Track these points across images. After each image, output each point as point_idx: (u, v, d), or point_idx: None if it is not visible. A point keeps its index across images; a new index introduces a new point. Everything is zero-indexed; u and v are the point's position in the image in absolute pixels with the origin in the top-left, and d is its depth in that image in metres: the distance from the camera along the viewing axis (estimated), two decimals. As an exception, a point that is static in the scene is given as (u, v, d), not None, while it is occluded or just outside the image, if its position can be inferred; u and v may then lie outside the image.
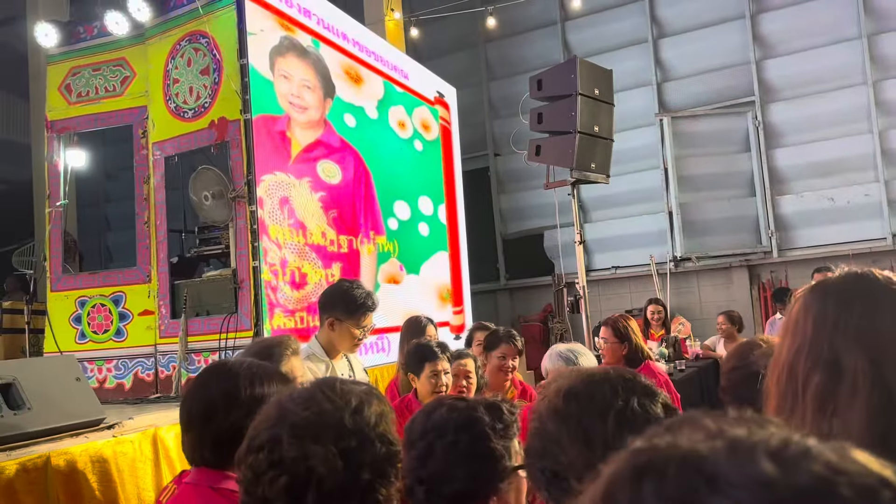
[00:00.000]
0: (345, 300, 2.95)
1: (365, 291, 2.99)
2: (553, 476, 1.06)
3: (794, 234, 8.69)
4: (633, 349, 3.67)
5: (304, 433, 1.05)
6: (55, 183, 5.20)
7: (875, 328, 0.99)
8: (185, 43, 4.79)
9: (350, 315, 2.91)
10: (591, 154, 5.69)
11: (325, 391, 1.12)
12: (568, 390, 1.10)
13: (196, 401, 1.57)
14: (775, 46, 8.88)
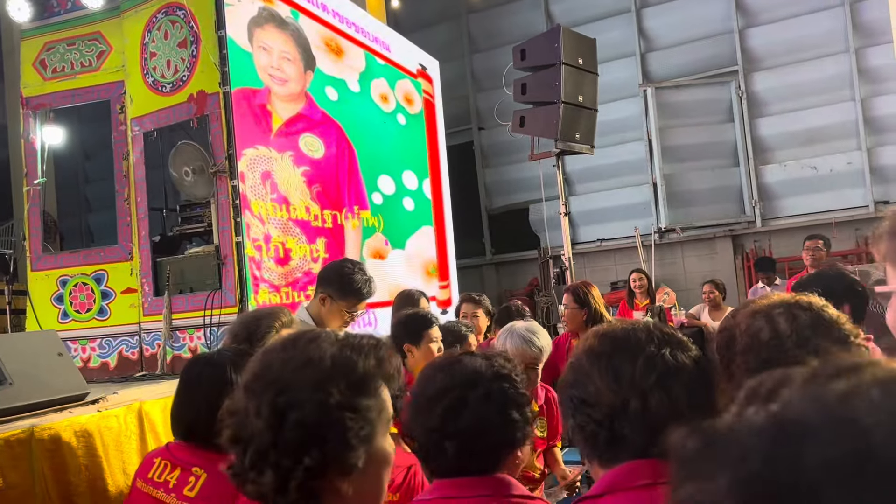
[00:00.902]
0: (343, 281, 2.92)
1: (365, 278, 2.94)
2: (581, 402, 1.10)
3: (777, 204, 8.74)
4: (591, 315, 3.72)
5: (247, 388, 1.04)
6: (32, 161, 5.11)
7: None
8: (162, 15, 4.69)
9: (343, 297, 2.89)
10: (576, 124, 5.66)
11: (287, 345, 1.08)
12: (605, 332, 1.16)
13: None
14: (758, 15, 8.86)
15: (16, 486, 2.17)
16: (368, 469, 1.00)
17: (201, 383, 1.81)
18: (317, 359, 1.01)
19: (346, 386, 1.00)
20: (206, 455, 1.71)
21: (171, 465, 1.75)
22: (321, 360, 1.01)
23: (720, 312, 6.14)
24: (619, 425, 1.06)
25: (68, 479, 2.34)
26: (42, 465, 2.26)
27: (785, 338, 1.23)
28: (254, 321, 2.28)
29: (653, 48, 9.41)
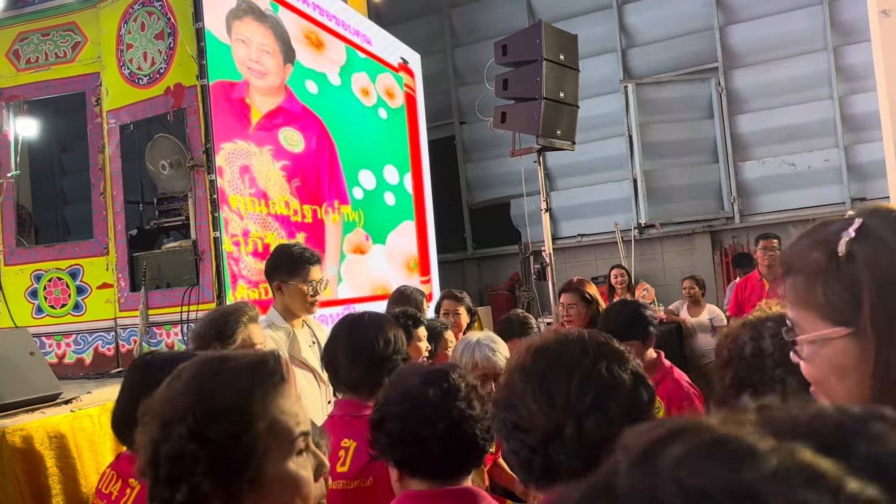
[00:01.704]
0: (282, 260, 2.95)
1: (301, 247, 2.96)
2: (514, 427, 1.05)
3: (755, 200, 8.82)
4: (595, 312, 3.68)
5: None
6: (5, 153, 5.02)
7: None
8: (138, 6, 4.62)
9: (292, 273, 2.89)
10: (557, 121, 5.66)
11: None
12: (539, 347, 1.10)
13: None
14: (738, 12, 8.90)
15: (-14, 488, 2.14)
16: (265, 498, 0.96)
17: (132, 384, 1.80)
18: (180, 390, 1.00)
19: (202, 416, 0.96)
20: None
21: (115, 477, 1.74)
22: (183, 391, 1.00)
23: (699, 308, 6.19)
24: (553, 451, 1.00)
25: (40, 480, 2.30)
26: (14, 468, 2.22)
27: (766, 356, 1.20)
28: (221, 319, 2.26)
29: (634, 44, 9.43)
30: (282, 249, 3.04)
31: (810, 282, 0.90)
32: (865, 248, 0.86)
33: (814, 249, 0.91)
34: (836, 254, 0.87)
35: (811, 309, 0.91)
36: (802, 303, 0.92)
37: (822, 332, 0.89)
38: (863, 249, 0.86)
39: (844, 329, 0.88)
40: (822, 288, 0.89)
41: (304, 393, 2.83)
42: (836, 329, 0.88)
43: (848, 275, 0.86)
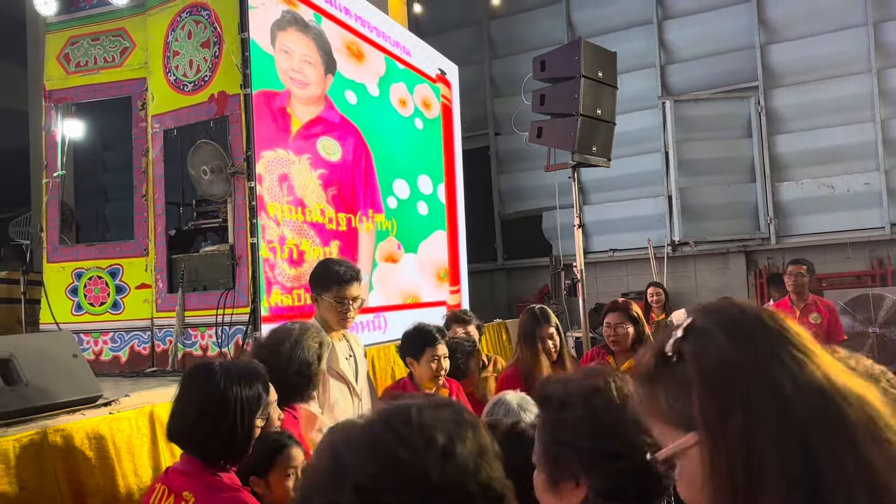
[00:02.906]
0: (321, 275, 3.01)
1: (341, 265, 2.98)
2: (612, 457, 1.17)
3: (792, 221, 8.70)
4: (641, 333, 3.63)
5: (375, 498, 0.77)
6: (52, 153, 5.16)
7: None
8: (186, 15, 4.73)
9: (326, 289, 2.93)
10: (593, 137, 5.65)
11: (397, 428, 0.81)
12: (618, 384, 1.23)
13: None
14: (780, 31, 8.81)
15: (29, 486, 2.20)
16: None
17: (193, 387, 1.85)
18: (451, 443, 0.83)
19: (490, 466, 0.85)
20: (198, 478, 1.74)
21: (168, 491, 1.77)
22: (455, 444, 0.83)
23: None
24: (654, 469, 1.01)
25: (80, 479, 2.37)
26: (54, 467, 2.28)
27: None
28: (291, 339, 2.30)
29: (673, 60, 9.38)
30: (322, 263, 3.09)
31: (651, 390, 0.85)
32: (692, 344, 0.82)
33: (649, 355, 0.86)
34: (666, 355, 0.83)
35: (661, 419, 0.84)
36: (652, 415, 0.85)
37: (676, 443, 0.81)
38: (689, 346, 0.82)
39: (694, 435, 0.80)
40: (663, 394, 0.83)
41: (339, 405, 2.87)
42: (686, 437, 0.80)
43: (680, 375, 0.81)
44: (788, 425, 0.74)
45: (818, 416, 0.75)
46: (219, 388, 1.80)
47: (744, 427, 0.75)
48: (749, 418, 0.75)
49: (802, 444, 0.73)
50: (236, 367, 1.92)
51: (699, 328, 0.83)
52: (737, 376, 0.78)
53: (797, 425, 0.74)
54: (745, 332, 0.82)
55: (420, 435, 0.81)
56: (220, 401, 1.79)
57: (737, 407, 0.76)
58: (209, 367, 1.88)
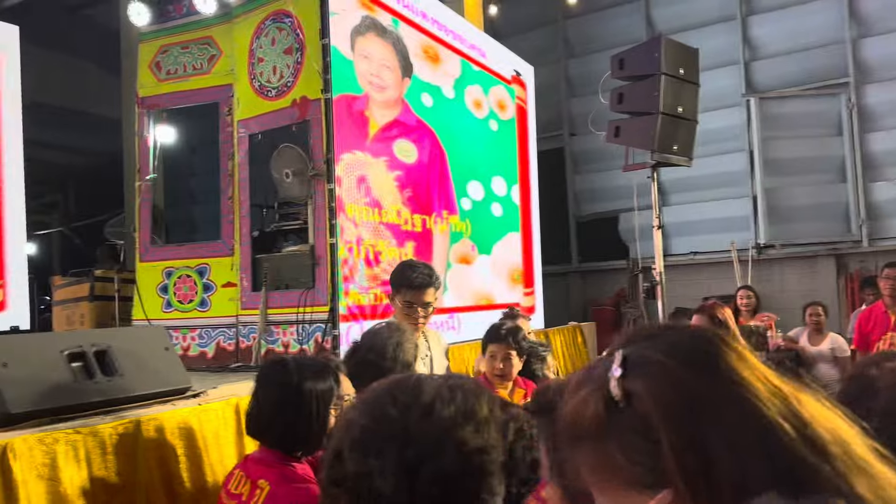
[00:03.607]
0: (395, 278, 3.03)
1: (416, 270, 2.99)
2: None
3: (886, 224, 8.26)
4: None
5: (364, 445, 0.89)
6: (145, 157, 5.43)
7: None
8: (270, 22, 4.88)
9: (397, 291, 2.97)
10: (674, 136, 5.52)
11: (393, 391, 0.94)
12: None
13: None
14: (873, 25, 8.38)
15: (123, 472, 2.32)
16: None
17: (268, 383, 1.91)
18: (437, 404, 0.91)
19: (475, 428, 0.90)
20: (273, 467, 1.80)
21: (245, 478, 1.84)
22: (442, 404, 0.91)
23: (821, 337, 5.84)
24: None
25: (170, 468, 2.48)
26: (147, 455, 2.39)
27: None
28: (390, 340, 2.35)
29: (758, 57, 9.06)
30: (400, 265, 3.11)
31: (600, 448, 0.69)
32: (642, 380, 0.68)
33: (587, 405, 0.71)
34: (614, 400, 0.68)
35: (619, 482, 0.68)
36: (606, 480, 0.69)
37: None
38: (640, 383, 0.68)
39: (666, 492, 0.65)
40: (618, 450, 0.68)
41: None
42: (660, 496, 0.65)
43: (638, 418, 0.67)
44: (776, 462, 0.64)
45: (803, 446, 0.65)
46: (293, 383, 1.86)
47: (732, 468, 0.64)
48: (735, 456, 0.64)
49: (795, 483, 0.63)
50: (309, 361, 1.98)
51: (642, 360, 0.70)
52: (708, 409, 0.66)
53: (784, 460, 0.64)
54: (695, 356, 0.70)
55: (409, 396, 0.91)
56: (294, 395, 1.85)
57: (718, 446, 0.64)
58: (283, 362, 1.94)
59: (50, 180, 11.92)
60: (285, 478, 1.79)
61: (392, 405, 0.90)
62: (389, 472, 0.85)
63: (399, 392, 0.92)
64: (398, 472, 0.85)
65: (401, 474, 0.85)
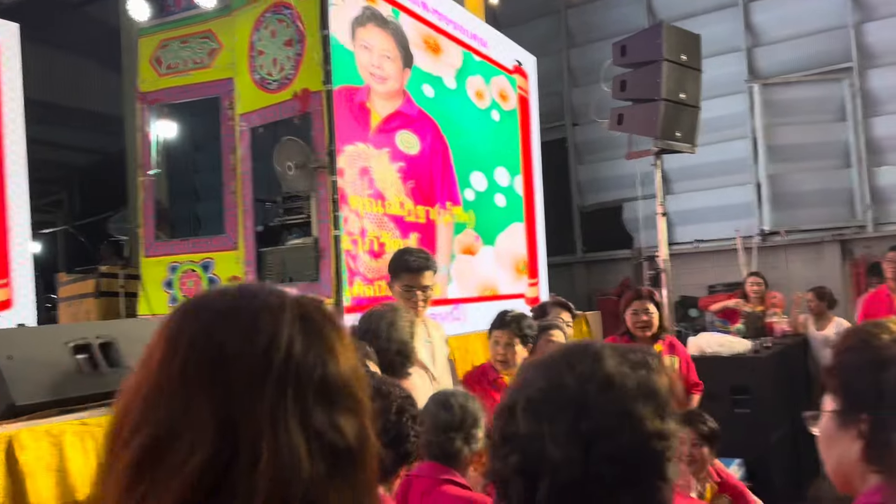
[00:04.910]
0: (393, 264, 3.08)
1: (413, 255, 3.04)
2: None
3: (891, 208, 8.21)
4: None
5: (538, 408, 0.87)
6: (147, 152, 5.43)
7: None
8: (270, 14, 4.87)
9: (397, 277, 3.02)
10: (677, 122, 5.50)
11: (571, 359, 0.91)
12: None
13: None
14: (876, 8, 8.31)
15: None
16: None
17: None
18: (617, 378, 0.88)
19: (655, 409, 0.86)
20: None
21: None
22: (623, 380, 0.87)
23: (826, 322, 5.83)
24: None
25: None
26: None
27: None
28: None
29: (760, 43, 9.00)
30: (397, 252, 3.19)
31: None
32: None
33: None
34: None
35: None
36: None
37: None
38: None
39: None
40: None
41: (417, 389, 2.90)
42: None
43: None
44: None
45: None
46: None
47: None
48: None
49: None
50: None
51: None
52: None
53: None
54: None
55: (588, 365, 0.89)
56: None
57: None
58: None
59: (53, 179, 11.92)
60: None
61: (569, 372, 0.89)
62: (562, 441, 0.83)
63: (577, 360, 0.91)
64: (571, 442, 0.83)
65: (574, 446, 0.83)
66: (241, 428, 0.66)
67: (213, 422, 0.66)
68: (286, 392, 0.68)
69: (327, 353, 0.73)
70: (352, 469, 0.71)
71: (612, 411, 0.85)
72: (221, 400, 0.67)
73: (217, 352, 0.69)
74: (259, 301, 0.74)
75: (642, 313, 3.69)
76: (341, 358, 0.74)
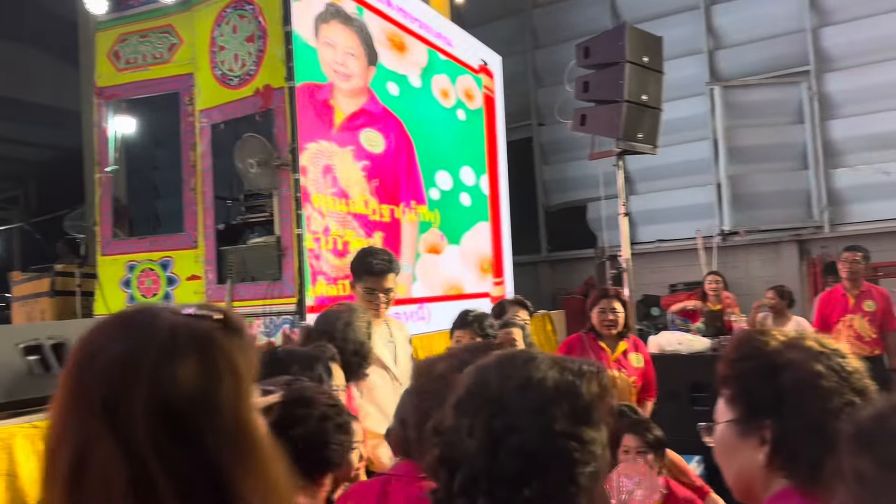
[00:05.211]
0: (355, 265, 3.05)
1: (377, 256, 3.01)
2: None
3: (847, 209, 8.43)
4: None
5: (463, 405, 0.93)
6: (104, 149, 5.31)
7: None
8: (231, 10, 4.80)
9: (359, 278, 2.99)
10: (639, 124, 5.55)
11: (504, 361, 0.97)
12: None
13: None
14: (833, 13, 8.52)
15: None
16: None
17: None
18: (536, 380, 0.91)
19: (571, 412, 0.89)
20: None
21: None
22: (542, 382, 0.91)
23: (785, 320, 5.95)
24: None
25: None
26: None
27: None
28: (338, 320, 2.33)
29: (721, 46, 9.16)
30: (360, 253, 3.14)
31: None
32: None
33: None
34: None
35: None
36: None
37: None
38: None
39: None
40: None
41: (378, 388, 2.88)
42: None
43: None
44: None
45: None
46: (281, 374, 1.84)
47: None
48: None
49: None
50: (299, 352, 1.98)
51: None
52: None
53: None
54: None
55: (514, 367, 0.94)
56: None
57: None
58: (272, 353, 1.94)
59: (9, 175, 11.63)
60: None
61: (496, 373, 0.94)
62: (477, 435, 0.88)
63: (507, 362, 0.95)
64: (484, 436, 0.88)
65: (486, 439, 0.87)
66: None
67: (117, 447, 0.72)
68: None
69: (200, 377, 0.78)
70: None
71: (525, 409, 0.88)
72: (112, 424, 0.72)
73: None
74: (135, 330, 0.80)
75: (609, 312, 3.73)
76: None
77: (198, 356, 0.78)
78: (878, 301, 5.22)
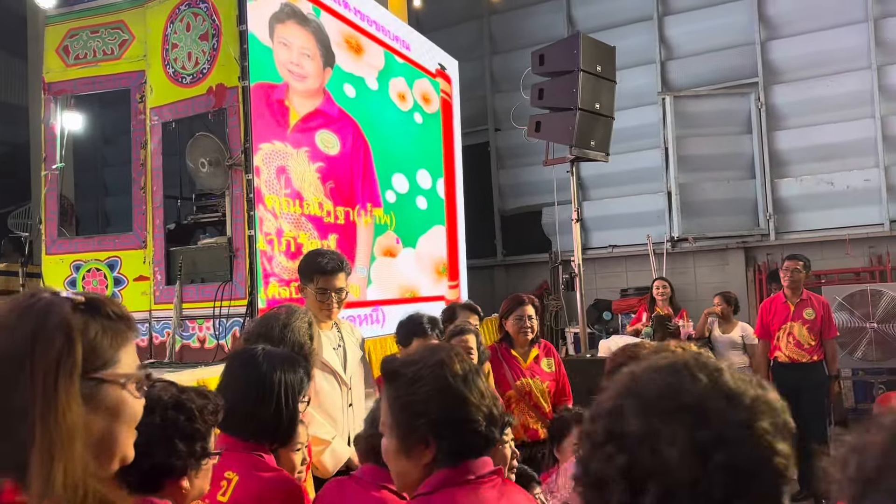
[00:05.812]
0: (304, 266, 3.00)
1: (325, 256, 2.97)
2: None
3: (792, 218, 8.70)
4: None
5: (652, 408, 0.84)
6: (51, 145, 5.18)
7: None
8: (185, 7, 4.74)
9: (309, 279, 2.94)
10: (592, 132, 5.66)
11: (693, 365, 0.89)
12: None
13: None
14: (781, 27, 8.80)
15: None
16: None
17: (236, 373, 1.91)
18: (738, 391, 0.85)
19: (773, 427, 0.83)
20: (241, 458, 1.76)
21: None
22: (742, 393, 0.85)
23: (731, 325, 6.12)
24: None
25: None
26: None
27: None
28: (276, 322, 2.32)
29: (673, 56, 9.38)
30: (308, 254, 3.10)
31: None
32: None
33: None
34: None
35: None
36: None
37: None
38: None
39: None
40: None
41: (325, 393, 2.86)
42: None
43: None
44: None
45: None
46: (262, 372, 1.85)
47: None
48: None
49: None
50: (279, 353, 1.97)
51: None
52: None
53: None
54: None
55: (707, 374, 0.88)
56: (263, 384, 1.84)
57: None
58: (252, 352, 1.93)
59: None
60: (255, 468, 1.76)
61: (690, 379, 0.86)
62: (679, 446, 0.80)
63: (697, 368, 0.87)
64: (687, 447, 0.80)
65: (690, 451, 0.80)
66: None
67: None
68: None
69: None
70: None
71: (733, 421, 0.82)
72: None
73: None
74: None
75: (527, 319, 3.80)
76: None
77: (37, 324, 0.92)
78: (817, 309, 5.40)
